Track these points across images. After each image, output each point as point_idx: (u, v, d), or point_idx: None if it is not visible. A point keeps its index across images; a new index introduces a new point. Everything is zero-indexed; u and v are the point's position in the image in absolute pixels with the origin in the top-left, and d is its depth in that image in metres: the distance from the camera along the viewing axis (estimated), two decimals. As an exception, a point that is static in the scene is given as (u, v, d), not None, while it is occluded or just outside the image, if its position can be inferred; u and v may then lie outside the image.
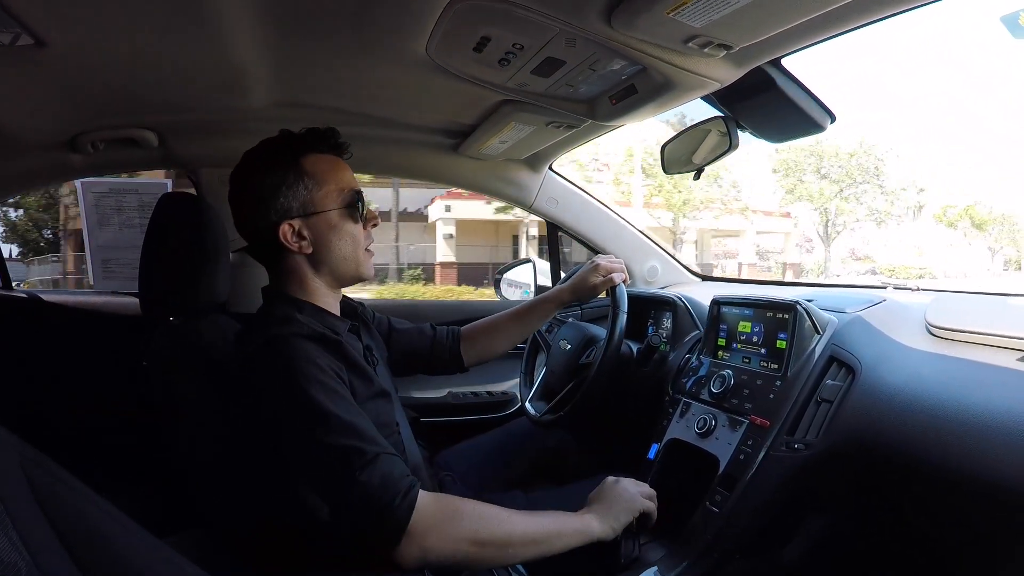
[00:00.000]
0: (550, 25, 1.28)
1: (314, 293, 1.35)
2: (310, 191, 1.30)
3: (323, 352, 1.23)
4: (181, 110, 1.90)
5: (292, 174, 1.29)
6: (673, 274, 2.74)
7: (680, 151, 2.06)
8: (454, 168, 2.45)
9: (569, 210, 2.62)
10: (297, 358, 1.18)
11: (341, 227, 1.33)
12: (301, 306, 1.32)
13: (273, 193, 1.28)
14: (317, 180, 1.31)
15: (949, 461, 1.18)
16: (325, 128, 1.36)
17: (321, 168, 1.32)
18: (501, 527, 1.21)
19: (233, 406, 1.29)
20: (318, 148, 1.34)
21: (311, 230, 1.31)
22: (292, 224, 1.29)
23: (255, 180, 1.30)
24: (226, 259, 1.46)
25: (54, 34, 1.25)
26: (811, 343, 1.55)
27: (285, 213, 1.29)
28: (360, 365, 1.32)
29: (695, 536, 1.49)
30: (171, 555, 0.75)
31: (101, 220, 2.42)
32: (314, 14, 1.35)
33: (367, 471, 1.12)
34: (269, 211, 1.29)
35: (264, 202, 1.29)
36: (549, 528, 1.27)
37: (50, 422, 1.98)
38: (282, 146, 1.32)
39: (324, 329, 1.29)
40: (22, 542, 0.58)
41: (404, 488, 1.13)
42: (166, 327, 1.36)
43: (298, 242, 1.31)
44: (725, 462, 1.54)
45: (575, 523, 1.32)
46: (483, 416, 2.46)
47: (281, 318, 1.27)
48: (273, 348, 1.20)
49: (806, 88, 1.59)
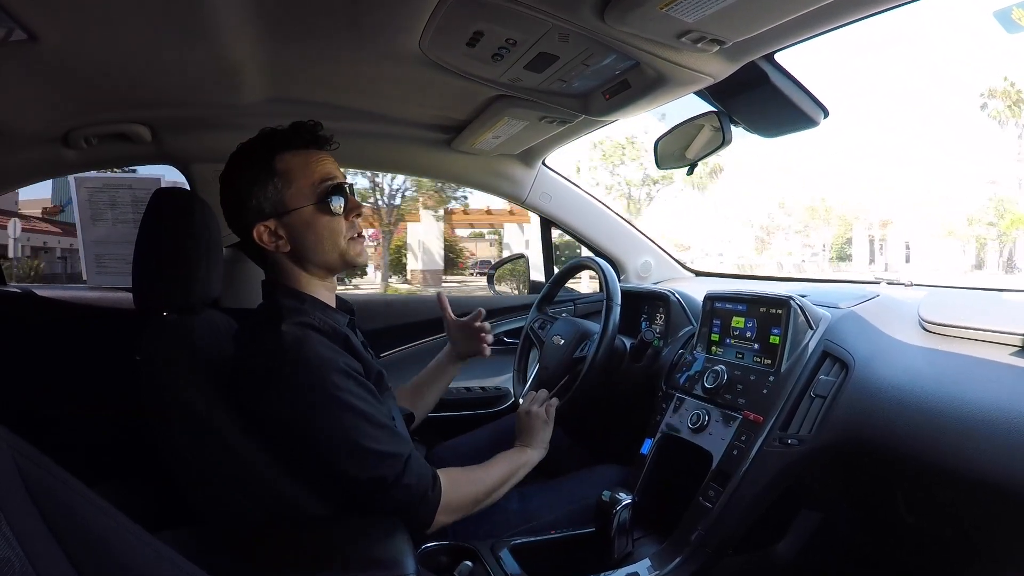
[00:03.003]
0: (543, 20, 1.28)
1: (307, 285, 1.36)
2: (280, 190, 1.30)
3: (340, 350, 1.27)
4: (174, 105, 1.90)
5: (264, 174, 1.30)
6: (666, 269, 2.74)
7: (673, 146, 2.07)
8: (447, 163, 2.45)
9: (562, 205, 2.62)
10: (322, 360, 1.22)
11: (315, 223, 1.32)
12: (302, 298, 1.33)
13: (248, 194, 1.30)
14: (287, 178, 1.30)
15: (942, 456, 1.19)
16: (303, 121, 1.35)
17: (292, 166, 1.32)
18: (485, 484, 1.45)
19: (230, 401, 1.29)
20: (294, 144, 1.33)
21: (286, 229, 1.31)
22: (267, 225, 1.30)
23: (233, 181, 1.32)
24: (219, 254, 1.45)
25: (47, 29, 1.25)
26: (804, 338, 1.55)
27: (259, 214, 1.30)
28: (366, 360, 1.35)
29: (688, 531, 1.49)
30: (164, 550, 0.75)
31: (94, 215, 2.40)
32: (307, 9, 1.34)
33: (406, 474, 1.25)
34: (245, 212, 1.30)
35: (241, 203, 1.30)
36: (507, 471, 1.52)
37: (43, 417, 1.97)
38: (256, 146, 1.33)
39: (333, 323, 1.32)
40: (16, 538, 0.58)
41: (431, 480, 1.30)
42: (160, 322, 1.35)
43: (275, 241, 1.31)
44: (718, 457, 1.54)
45: (521, 458, 1.59)
46: (477, 412, 2.46)
47: (289, 308, 1.28)
48: (293, 346, 1.21)
49: (799, 83, 1.59)
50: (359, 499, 1.26)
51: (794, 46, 1.39)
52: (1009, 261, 28.63)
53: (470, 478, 1.44)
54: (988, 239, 29.26)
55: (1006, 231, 28.85)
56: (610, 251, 2.68)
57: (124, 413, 1.49)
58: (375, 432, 1.23)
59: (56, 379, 2.14)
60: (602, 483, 1.58)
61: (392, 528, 1.19)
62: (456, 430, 2.06)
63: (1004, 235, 28.74)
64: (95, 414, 2.05)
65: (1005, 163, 29.88)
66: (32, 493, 0.63)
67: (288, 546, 1.19)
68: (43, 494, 0.64)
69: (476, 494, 1.42)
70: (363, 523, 1.25)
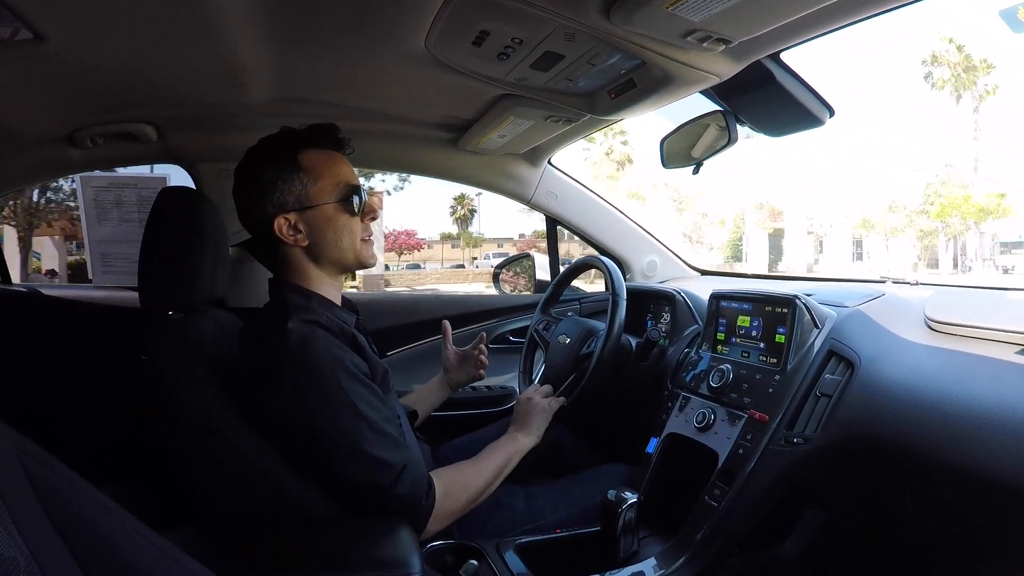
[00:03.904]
0: (549, 19, 1.28)
1: (316, 283, 1.37)
2: (305, 186, 1.32)
3: (347, 349, 1.29)
4: (180, 105, 1.90)
5: (289, 169, 1.32)
6: (672, 268, 2.74)
7: (679, 145, 2.06)
8: (453, 162, 2.45)
9: (568, 205, 2.62)
10: (329, 358, 1.24)
11: (336, 220, 1.35)
12: (309, 295, 1.35)
13: (270, 187, 1.31)
14: (313, 175, 1.33)
15: (948, 454, 1.19)
16: (325, 124, 1.38)
17: (318, 163, 1.34)
18: (479, 480, 1.46)
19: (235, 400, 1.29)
20: (317, 143, 1.36)
21: (306, 223, 1.33)
22: (288, 218, 1.32)
23: (254, 174, 1.33)
24: (225, 254, 1.46)
25: (53, 29, 1.25)
26: (810, 337, 1.55)
27: (281, 207, 1.32)
28: (372, 359, 1.36)
29: (693, 530, 1.49)
30: (169, 549, 0.75)
31: (100, 215, 2.41)
32: (313, 9, 1.35)
33: (400, 484, 1.26)
34: (266, 205, 1.31)
35: (262, 196, 1.31)
36: (501, 462, 1.52)
37: (48, 416, 1.98)
38: (281, 141, 1.35)
39: (340, 322, 1.34)
40: (21, 536, 0.58)
41: (425, 487, 1.31)
42: (165, 321, 1.36)
43: (294, 235, 1.33)
44: (724, 456, 1.53)
45: (512, 446, 1.59)
46: (482, 411, 2.45)
47: (296, 306, 1.30)
48: (300, 344, 1.23)
49: (805, 82, 1.59)
50: (356, 502, 1.28)
51: (800, 45, 1.39)
52: (960, 256, 27.49)
53: (465, 481, 1.44)
54: (932, 232, 28.07)
55: (939, 217, 27.64)
56: (616, 250, 2.68)
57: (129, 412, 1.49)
58: (374, 437, 1.25)
59: (61, 378, 2.15)
60: (607, 482, 1.58)
61: (397, 527, 1.19)
62: (461, 429, 2.06)
63: (947, 227, 27.73)
64: (100, 413, 2.05)
65: (960, 143, 28.65)
66: (37, 491, 0.63)
67: (293, 546, 1.19)
68: (48, 492, 0.64)
69: (469, 497, 1.42)
70: (368, 522, 1.26)
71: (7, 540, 0.56)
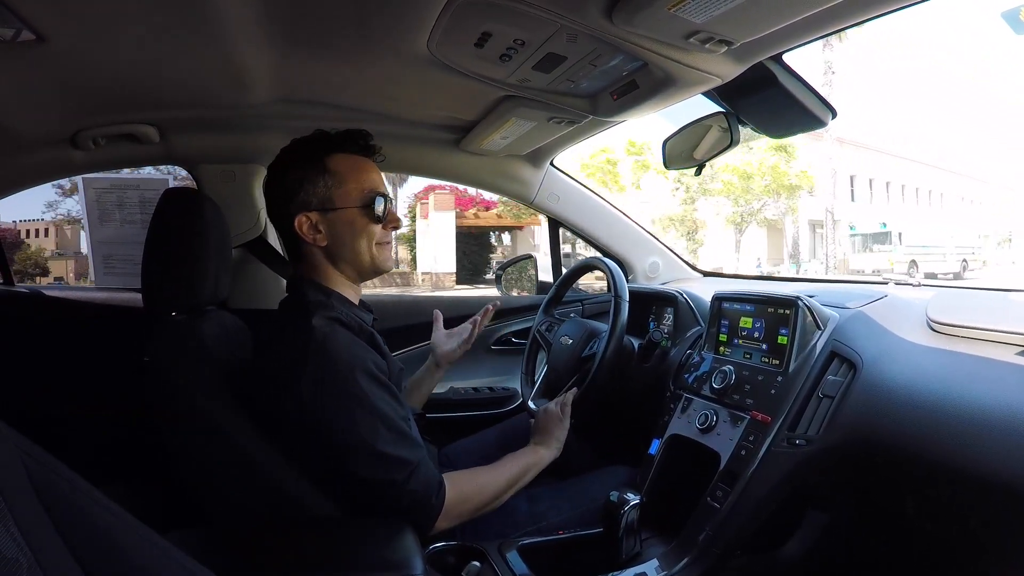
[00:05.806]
0: (551, 21, 1.28)
1: (335, 282, 1.40)
2: (330, 188, 1.36)
3: (367, 347, 1.31)
4: (182, 106, 1.90)
5: (315, 171, 1.35)
6: (674, 270, 2.73)
7: (681, 147, 2.06)
8: (455, 164, 2.45)
9: (570, 206, 2.62)
10: (350, 356, 1.26)
11: (356, 224, 1.37)
12: (328, 293, 1.37)
13: (296, 186, 1.35)
14: (338, 179, 1.36)
15: (950, 456, 1.19)
16: (356, 130, 1.41)
17: (345, 167, 1.37)
18: (491, 489, 1.45)
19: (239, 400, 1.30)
20: (346, 148, 1.39)
21: (327, 224, 1.36)
22: (309, 217, 1.35)
23: (283, 173, 1.37)
24: (228, 255, 1.46)
25: (55, 30, 1.25)
26: (812, 339, 1.55)
27: (304, 206, 1.35)
28: (389, 358, 1.39)
29: (696, 532, 1.49)
30: (172, 551, 0.75)
31: (103, 216, 2.42)
32: (315, 11, 1.35)
33: (413, 480, 1.27)
34: (291, 203, 1.35)
35: (288, 194, 1.36)
36: (518, 472, 1.51)
37: (51, 417, 1.98)
38: (311, 143, 1.38)
39: (359, 320, 1.37)
40: (23, 537, 0.58)
41: (436, 486, 1.32)
42: (168, 323, 1.36)
43: (313, 235, 1.36)
44: (726, 458, 1.53)
45: (532, 458, 1.58)
46: (485, 412, 2.45)
47: (316, 303, 1.32)
48: (322, 341, 1.25)
49: (807, 83, 1.58)
50: (363, 500, 1.29)
51: (802, 46, 1.39)
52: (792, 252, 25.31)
53: (477, 485, 1.44)
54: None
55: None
56: (618, 252, 2.67)
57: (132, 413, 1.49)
58: (390, 435, 1.26)
59: (64, 379, 2.15)
60: (610, 484, 1.59)
61: (400, 528, 1.20)
62: (465, 430, 2.06)
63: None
64: (102, 414, 2.06)
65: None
66: (39, 493, 0.63)
67: (296, 547, 1.19)
68: (50, 494, 0.64)
69: (480, 502, 1.42)
70: (371, 523, 1.26)
71: (9, 541, 0.56)
